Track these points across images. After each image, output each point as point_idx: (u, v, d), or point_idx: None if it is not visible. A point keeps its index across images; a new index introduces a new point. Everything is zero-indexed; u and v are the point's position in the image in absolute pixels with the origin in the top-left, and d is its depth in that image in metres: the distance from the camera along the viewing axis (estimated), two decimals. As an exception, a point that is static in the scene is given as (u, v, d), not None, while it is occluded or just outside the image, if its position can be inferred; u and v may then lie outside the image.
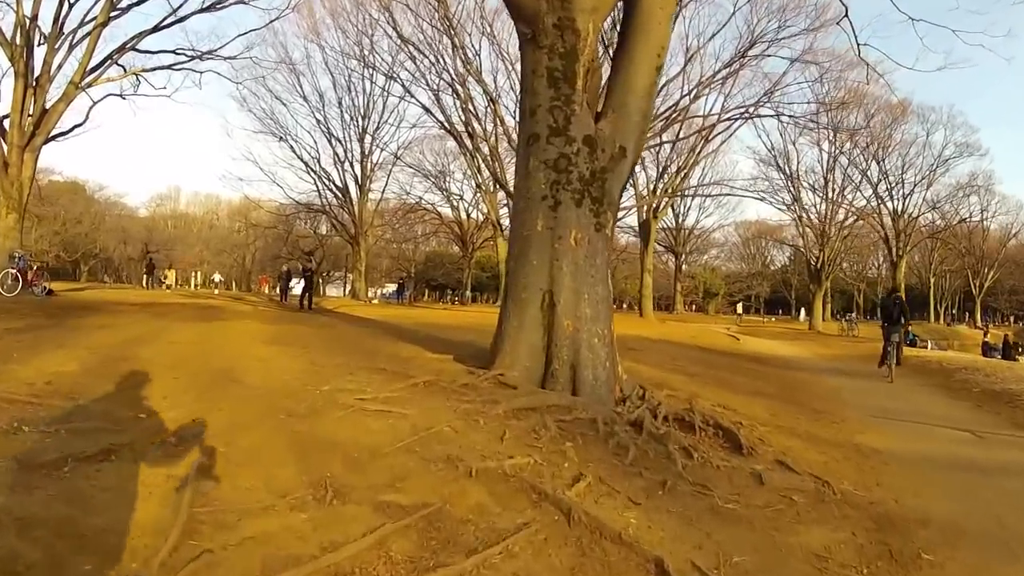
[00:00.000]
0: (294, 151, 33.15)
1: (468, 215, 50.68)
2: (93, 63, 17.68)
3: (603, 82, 7.15)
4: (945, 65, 32.25)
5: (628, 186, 31.40)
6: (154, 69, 19.01)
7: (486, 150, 28.17)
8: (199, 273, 57.04)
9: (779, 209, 56.06)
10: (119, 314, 11.40)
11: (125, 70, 18.38)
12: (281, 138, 32.03)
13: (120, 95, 20.99)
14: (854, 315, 39.12)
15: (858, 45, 10.27)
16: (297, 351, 7.42)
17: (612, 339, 6.39)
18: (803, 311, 57.34)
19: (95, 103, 20.38)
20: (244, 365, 6.31)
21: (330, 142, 33.37)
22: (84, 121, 19.70)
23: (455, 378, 6.09)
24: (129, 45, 18.13)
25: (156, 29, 17.62)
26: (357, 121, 33.57)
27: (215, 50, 19.37)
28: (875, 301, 58.85)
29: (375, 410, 4.88)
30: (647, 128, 7.53)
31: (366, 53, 30.42)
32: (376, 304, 31.18)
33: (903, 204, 44.45)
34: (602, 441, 4.80)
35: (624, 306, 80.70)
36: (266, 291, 39.88)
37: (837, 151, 37.94)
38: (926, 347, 24.01)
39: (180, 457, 3.65)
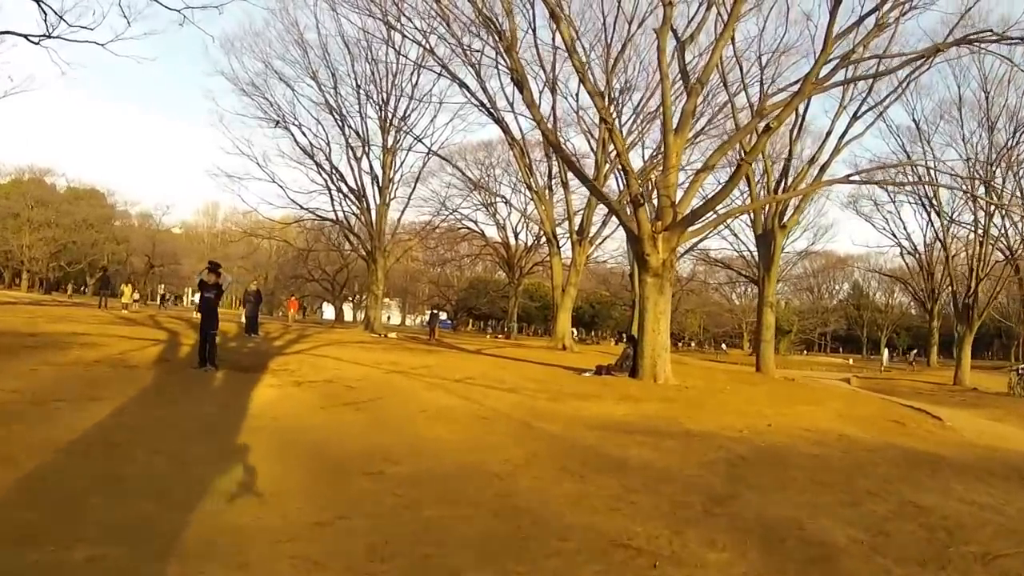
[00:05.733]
0: (297, 143, 26.26)
1: (516, 235, 43.23)
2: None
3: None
4: None
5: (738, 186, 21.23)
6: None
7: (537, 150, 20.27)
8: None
9: (883, 233, 44.90)
10: None
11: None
12: (279, 123, 25.15)
13: (29, 38, 14.52)
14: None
15: None
16: None
17: None
18: (885, 352, 48.09)
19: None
20: None
21: (343, 130, 26.25)
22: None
23: None
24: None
25: None
26: (379, 107, 26.47)
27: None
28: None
29: None
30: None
31: (391, 19, 23.08)
32: (392, 340, 23.42)
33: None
34: None
35: (681, 344, 70.82)
36: (290, 316, 32.92)
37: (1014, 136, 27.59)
38: None
39: None
